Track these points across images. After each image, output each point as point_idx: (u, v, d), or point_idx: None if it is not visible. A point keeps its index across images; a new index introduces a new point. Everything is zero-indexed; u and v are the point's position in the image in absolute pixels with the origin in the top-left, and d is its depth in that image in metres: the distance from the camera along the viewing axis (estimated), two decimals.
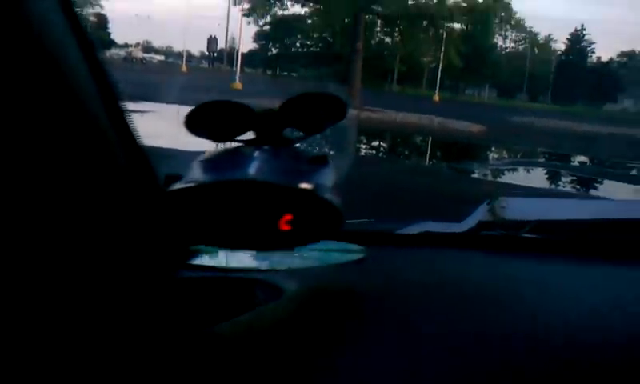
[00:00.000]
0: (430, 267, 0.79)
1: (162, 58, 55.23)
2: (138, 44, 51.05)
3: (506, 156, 12.73)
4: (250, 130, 0.59)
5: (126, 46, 48.93)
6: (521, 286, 0.73)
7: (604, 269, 0.80)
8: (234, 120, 0.58)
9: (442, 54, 31.39)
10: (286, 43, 48.15)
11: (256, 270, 0.68)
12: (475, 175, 9.43)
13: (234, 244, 0.55)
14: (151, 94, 14.82)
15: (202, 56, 56.42)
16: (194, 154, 0.58)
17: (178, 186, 0.50)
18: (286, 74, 46.63)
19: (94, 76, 0.44)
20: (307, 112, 0.59)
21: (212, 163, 0.54)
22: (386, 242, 0.87)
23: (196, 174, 0.52)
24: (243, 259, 0.68)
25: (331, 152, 0.63)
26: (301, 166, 0.55)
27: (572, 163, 12.17)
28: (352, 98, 17.75)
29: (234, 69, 23.92)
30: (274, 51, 49.25)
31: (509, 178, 9.35)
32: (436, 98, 31.36)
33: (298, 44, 48.20)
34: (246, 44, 48.16)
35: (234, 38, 49.20)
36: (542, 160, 12.27)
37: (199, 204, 0.50)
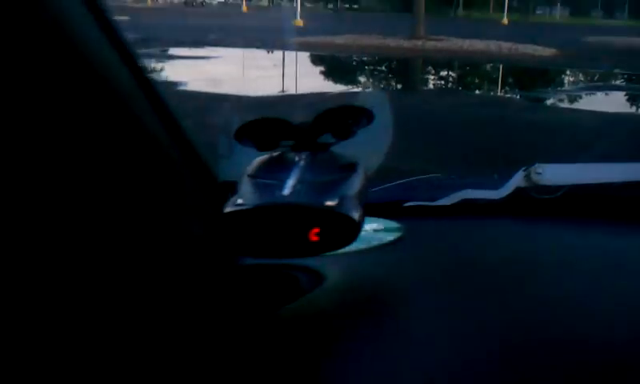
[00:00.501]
0: (469, 240, 0.84)
1: None
2: None
3: (583, 80, 12.16)
4: (289, 139, 0.71)
5: None
6: (560, 253, 0.78)
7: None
8: (276, 131, 0.71)
9: None
10: None
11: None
12: (549, 103, 9.06)
13: (273, 254, 0.67)
14: (213, 38, 14.82)
15: None
16: (255, 102, 0.65)
17: (228, 208, 0.63)
18: (347, 6, 45.76)
19: (137, 81, 0.51)
20: (337, 123, 0.71)
21: (256, 183, 0.66)
22: (423, 214, 0.92)
23: (244, 193, 0.64)
24: None
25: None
26: (331, 176, 0.67)
27: None
28: (417, 26, 17.30)
29: (295, 5, 23.61)
30: None
31: (586, 104, 8.93)
32: (504, 20, 30.17)
33: None
34: None
35: None
36: (621, 83, 11.65)
37: (244, 222, 0.63)
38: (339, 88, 10.20)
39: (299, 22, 20.15)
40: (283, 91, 8.80)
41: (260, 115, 0.69)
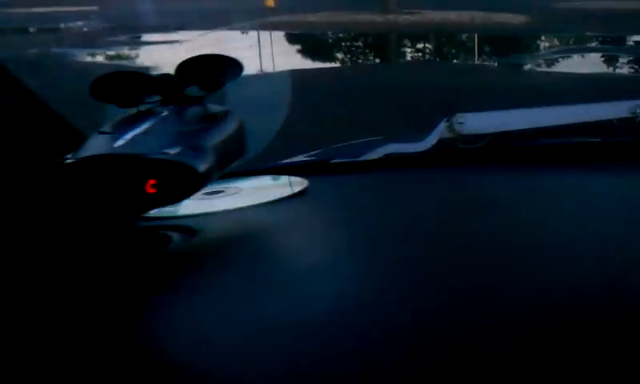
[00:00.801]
0: (390, 192, 0.81)
1: None
2: None
3: (558, 44, 12.20)
4: (153, 93, 0.68)
5: None
6: (485, 195, 0.76)
7: (560, 175, 0.83)
8: (137, 86, 0.67)
9: None
10: None
11: (191, 215, 0.75)
12: (527, 67, 9.09)
13: (111, 209, 0.62)
14: (185, 21, 14.62)
15: None
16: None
17: (66, 161, 0.60)
18: None
19: None
20: (204, 72, 0.68)
21: (99, 137, 0.63)
22: (342, 170, 0.88)
23: (84, 146, 0.61)
24: (186, 205, 0.75)
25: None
26: (184, 127, 0.63)
27: (628, 44, 11.58)
28: (387, 1, 17.23)
29: None
30: None
31: (562, 66, 8.98)
32: None
33: None
34: None
35: None
36: (595, 44, 11.73)
37: (78, 174, 0.60)
38: (316, 65, 10.14)
39: (270, 2, 19.95)
40: (262, 71, 8.72)
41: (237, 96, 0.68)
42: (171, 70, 0.69)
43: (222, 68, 0.69)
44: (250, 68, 8.16)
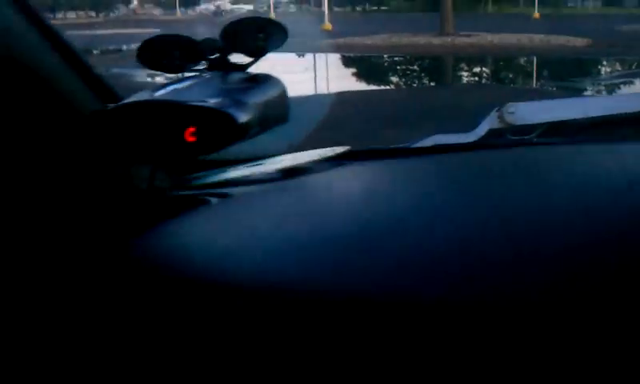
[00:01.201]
0: (436, 175, 0.79)
1: (250, 7, 55.48)
2: None
3: (619, 69, 11.87)
4: (197, 60, 0.67)
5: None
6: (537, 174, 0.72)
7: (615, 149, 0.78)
8: (182, 51, 0.67)
9: None
10: None
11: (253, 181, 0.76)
12: (587, 92, 8.88)
13: (150, 155, 0.63)
14: None
15: (290, 1, 56.09)
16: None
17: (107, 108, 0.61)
18: (375, 8, 45.65)
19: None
20: (247, 37, 0.66)
21: (145, 91, 0.63)
22: (393, 155, 0.86)
23: (129, 98, 0.61)
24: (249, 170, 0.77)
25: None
26: (228, 85, 0.63)
27: None
28: (445, 23, 17.14)
29: (322, 9, 23.58)
30: None
31: (624, 91, 8.73)
32: (536, 14, 29.68)
33: None
34: None
35: None
36: None
37: (119, 120, 0.61)
38: (371, 87, 10.14)
39: (327, 26, 20.12)
40: (316, 93, 8.79)
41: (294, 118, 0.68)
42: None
43: (267, 33, 0.68)
44: (305, 90, 8.23)
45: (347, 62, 13.56)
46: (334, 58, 13.49)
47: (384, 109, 7.10)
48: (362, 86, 10.24)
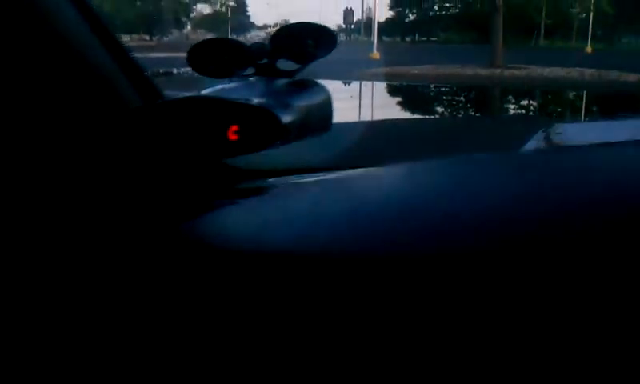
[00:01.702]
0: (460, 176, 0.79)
1: None
2: (276, 24, 52.37)
3: None
4: (245, 65, 0.68)
5: (265, 27, 50.38)
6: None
7: None
8: (231, 56, 0.67)
9: (592, 3, 29.25)
10: (424, 8, 47.20)
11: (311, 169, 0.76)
12: None
13: (192, 152, 0.62)
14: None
15: (339, 29, 56.79)
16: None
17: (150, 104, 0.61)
18: (424, 39, 45.79)
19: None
20: (296, 43, 0.66)
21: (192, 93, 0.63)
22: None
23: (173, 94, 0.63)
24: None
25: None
26: (275, 88, 0.63)
27: None
28: (494, 55, 17.04)
29: (372, 39, 23.75)
30: (411, 18, 48.46)
31: None
32: (588, 49, 29.30)
33: (435, 7, 47.08)
34: (383, 13, 47.84)
35: (369, 8, 48.94)
36: None
37: (163, 116, 0.60)
38: (415, 116, 10.12)
39: (375, 55, 20.23)
40: (360, 120, 8.82)
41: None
42: None
43: (316, 39, 0.67)
44: (348, 117, 8.25)
45: (393, 90, 13.60)
46: (380, 87, 13.54)
47: (427, 136, 7.05)
48: (406, 115, 10.23)
